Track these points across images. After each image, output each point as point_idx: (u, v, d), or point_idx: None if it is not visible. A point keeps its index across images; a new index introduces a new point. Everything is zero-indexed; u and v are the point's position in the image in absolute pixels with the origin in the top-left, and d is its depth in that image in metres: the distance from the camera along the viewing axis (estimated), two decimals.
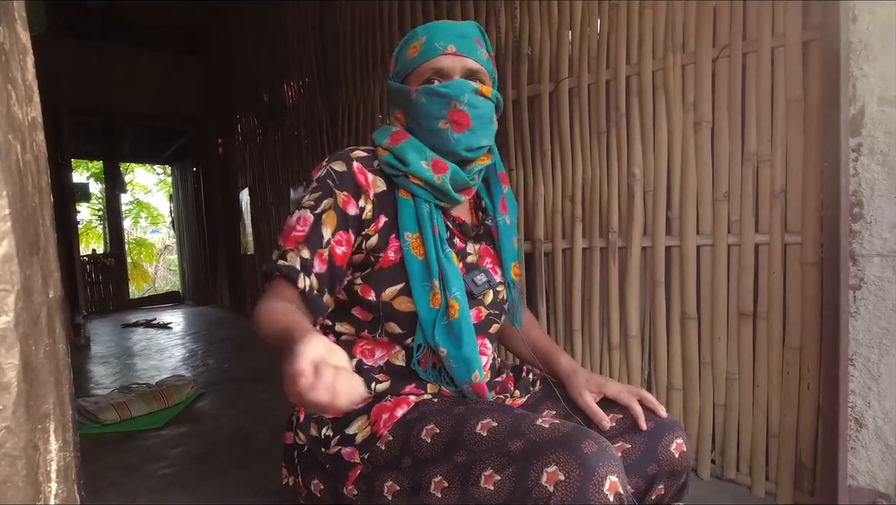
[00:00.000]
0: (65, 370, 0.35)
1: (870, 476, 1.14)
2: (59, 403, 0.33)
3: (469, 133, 0.80)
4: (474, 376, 0.78)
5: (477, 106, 0.79)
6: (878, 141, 1.10)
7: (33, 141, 0.33)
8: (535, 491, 0.59)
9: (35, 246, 0.31)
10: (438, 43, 0.80)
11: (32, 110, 0.33)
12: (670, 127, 1.42)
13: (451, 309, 0.77)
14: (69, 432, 0.35)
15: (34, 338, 0.31)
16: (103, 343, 3.97)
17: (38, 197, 0.32)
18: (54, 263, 0.34)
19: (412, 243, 0.79)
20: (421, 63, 0.80)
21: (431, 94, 0.79)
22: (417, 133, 0.82)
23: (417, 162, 0.79)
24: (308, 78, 3.24)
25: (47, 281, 0.33)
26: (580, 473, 0.58)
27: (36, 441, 0.30)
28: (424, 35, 0.82)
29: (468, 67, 0.81)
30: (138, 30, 4.87)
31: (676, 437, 0.76)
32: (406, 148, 0.80)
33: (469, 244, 0.87)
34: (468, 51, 0.81)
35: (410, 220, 0.80)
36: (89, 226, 9.13)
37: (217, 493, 1.45)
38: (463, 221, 0.87)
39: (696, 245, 1.40)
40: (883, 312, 1.10)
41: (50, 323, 0.33)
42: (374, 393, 0.80)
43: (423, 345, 0.79)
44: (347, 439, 0.77)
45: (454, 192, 0.81)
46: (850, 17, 1.11)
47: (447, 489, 0.66)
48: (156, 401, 2.16)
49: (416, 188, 0.80)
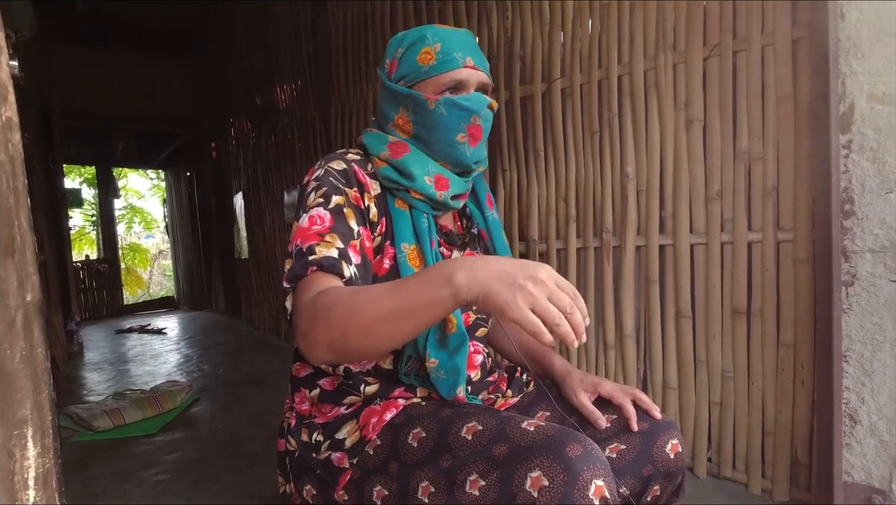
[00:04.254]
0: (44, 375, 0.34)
1: (865, 472, 1.14)
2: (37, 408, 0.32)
3: (479, 146, 0.80)
4: (458, 391, 0.77)
5: (488, 120, 0.80)
6: (868, 137, 1.10)
7: (9, 141, 0.32)
8: (520, 497, 0.58)
9: (10, 248, 0.30)
10: (458, 54, 0.78)
11: (7, 110, 0.32)
12: (662, 126, 1.42)
13: (448, 323, 0.76)
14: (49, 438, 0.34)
15: (9, 342, 0.30)
16: (97, 349, 3.94)
17: (14, 198, 0.32)
18: (32, 267, 0.33)
19: (409, 255, 0.77)
20: (440, 73, 0.77)
21: (453, 107, 0.77)
22: (428, 142, 0.80)
23: (422, 178, 0.78)
24: (301, 80, 3.23)
25: (24, 284, 0.32)
26: (564, 478, 0.56)
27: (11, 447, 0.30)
28: (438, 42, 0.78)
29: (482, 81, 0.80)
30: (129, 32, 4.85)
31: (671, 437, 0.75)
32: (409, 162, 0.78)
33: (454, 252, 0.87)
34: (482, 65, 0.80)
35: (407, 232, 0.78)
36: (82, 232, 9.09)
37: (211, 499, 1.44)
38: (450, 230, 0.87)
39: (690, 243, 1.40)
40: (875, 308, 1.11)
41: (27, 327, 0.32)
42: (363, 395, 0.79)
43: (412, 356, 0.78)
44: (337, 444, 0.76)
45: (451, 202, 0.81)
46: (838, 14, 1.12)
47: (434, 494, 0.65)
48: (150, 407, 2.14)
49: (415, 201, 0.79)
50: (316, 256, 0.66)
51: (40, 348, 0.33)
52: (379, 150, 0.80)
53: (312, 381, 0.82)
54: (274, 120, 3.71)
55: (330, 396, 0.80)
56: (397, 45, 0.82)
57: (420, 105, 0.78)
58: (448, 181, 0.80)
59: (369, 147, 0.82)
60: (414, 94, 0.78)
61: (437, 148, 0.79)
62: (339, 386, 0.80)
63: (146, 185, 10.53)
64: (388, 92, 0.81)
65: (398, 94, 0.80)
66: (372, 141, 0.82)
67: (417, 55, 0.79)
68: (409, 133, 0.81)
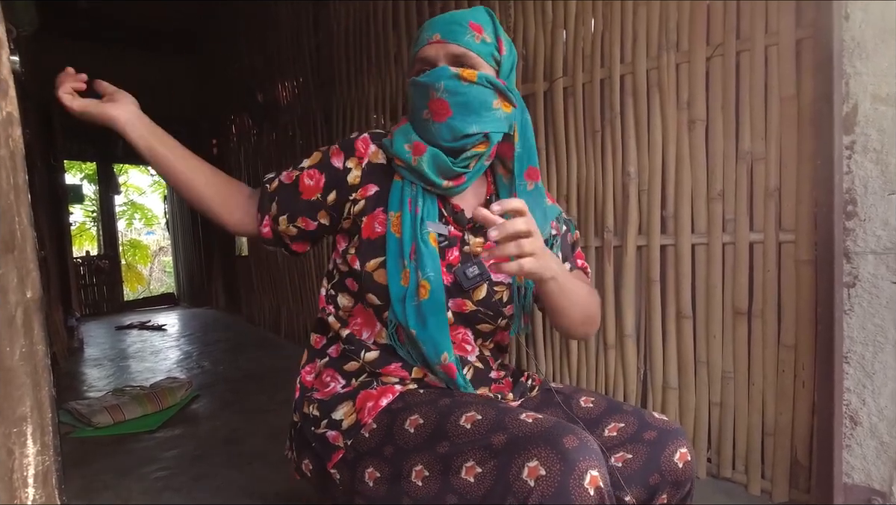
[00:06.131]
0: (44, 372, 0.34)
1: (865, 473, 1.14)
2: (37, 405, 0.32)
3: (451, 121, 0.77)
4: (443, 357, 0.79)
5: (458, 92, 0.76)
6: (872, 139, 1.10)
7: (9, 137, 0.32)
8: (516, 485, 0.59)
9: (10, 245, 0.30)
10: (427, 33, 0.81)
11: (8, 105, 0.32)
12: (664, 126, 1.42)
13: (421, 289, 0.78)
14: (49, 436, 0.34)
15: (9, 339, 0.30)
16: (97, 345, 3.94)
17: (14, 195, 0.31)
18: (32, 263, 0.33)
19: (393, 221, 0.82)
20: (413, 55, 0.83)
21: (414, 86, 0.81)
22: (413, 124, 0.84)
23: (401, 144, 0.82)
24: (302, 77, 3.23)
25: (24, 281, 0.32)
26: (561, 468, 0.58)
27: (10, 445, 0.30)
28: (427, 27, 0.83)
29: (451, 53, 0.78)
30: (130, 30, 4.84)
31: (680, 446, 0.73)
32: (398, 132, 0.83)
33: (467, 234, 0.86)
34: (452, 36, 0.78)
35: (395, 200, 0.83)
36: (83, 228, 9.07)
37: (212, 495, 1.44)
38: (461, 210, 0.86)
39: (691, 244, 1.40)
40: (877, 310, 1.10)
41: (27, 324, 0.32)
42: (362, 360, 0.84)
43: (393, 321, 0.81)
44: (334, 423, 0.79)
45: (438, 177, 0.80)
46: (843, 15, 1.11)
47: (427, 478, 0.66)
48: (150, 403, 2.14)
49: (400, 170, 0.83)
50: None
51: (40, 345, 0.33)
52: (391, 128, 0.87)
53: (324, 350, 0.89)
54: (275, 117, 3.70)
55: (334, 362, 0.86)
56: None
57: (408, 92, 0.85)
58: (424, 148, 0.80)
59: None
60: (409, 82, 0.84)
61: (416, 129, 0.83)
62: (343, 351, 0.86)
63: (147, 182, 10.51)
64: None
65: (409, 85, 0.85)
66: None
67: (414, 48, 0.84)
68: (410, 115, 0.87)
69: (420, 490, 0.67)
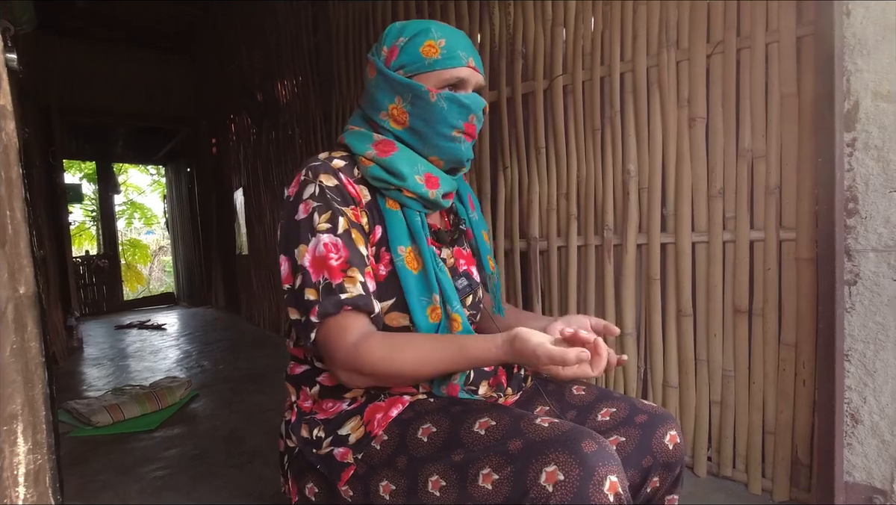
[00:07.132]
0: (38, 370, 0.33)
1: (866, 472, 1.13)
2: (28, 403, 0.31)
3: (471, 144, 0.83)
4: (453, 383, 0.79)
5: (481, 121, 0.84)
6: (873, 136, 1.09)
7: (2, 130, 0.31)
8: (534, 491, 0.59)
9: (1, 239, 0.30)
10: (462, 52, 0.78)
11: (1, 98, 0.31)
12: (665, 123, 1.41)
13: (454, 323, 0.77)
14: (42, 434, 0.33)
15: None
16: (96, 345, 3.94)
17: (6, 189, 0.31)
18: (26, 258, 0.32)
19: (405, 257, 0.77)
20: (444, 68, 0.77)
21: (454, 103, 0.77)
22: (424, 135, 0.79)
23: (412, 177, 0.77)
24: (301, 77, 3.22)
25: (16, 276, 0.31)
26: (580, 473, 0.57)
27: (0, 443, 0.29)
28: (443, 37, 0.78)
29: (479, 83, 0.82)
30: (129, 28, 4.84)
31: (670, 428, 0.77)
32: (398, 161, 0.77)
33: (444, 250, 0.87)
34: (480, 67, 0.83)
35: (402, 234, 0.78)
36: (82, 227, 9.06)
37: (211, 495, 1.44)
38: (438, 228, 0.87)
39: (692, 242, 1.39)
40: (878, 308, 1.10)
41: (19, 320, 0.31)
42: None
43: None
44: (340, 440, 0.76)
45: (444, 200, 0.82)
46: (843, 11, 1.10)
47: (445, 488, 0.65)
48: (149, 403, 2.14)
49: (407, 200, 0.78)
50: (348, 295, 0.70)
51: (34, 343, 0.32)
52: (364, 150, 0.79)
53: (311, 378, 0.82)
54: (274, 116, 3.69)
55: (330, 392, 0.80)
56: (398, 34, 0.80)
57: (420, 96, 0.77)
58: (438, 179, 0.80)
59: (353, 147, 0.80)
60: (415, 84, 0.77)
61: (433, 142, 0.79)
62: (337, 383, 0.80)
63: (146, 181, 10.50)
64: (385, 80, 0.79)
65: (396, 84, 0.78)
66: (356, 140, 0.80)
67: (421, 46, 0.78)
68: (403, 124, 0.79)
69: (438, 501, 0.66)
